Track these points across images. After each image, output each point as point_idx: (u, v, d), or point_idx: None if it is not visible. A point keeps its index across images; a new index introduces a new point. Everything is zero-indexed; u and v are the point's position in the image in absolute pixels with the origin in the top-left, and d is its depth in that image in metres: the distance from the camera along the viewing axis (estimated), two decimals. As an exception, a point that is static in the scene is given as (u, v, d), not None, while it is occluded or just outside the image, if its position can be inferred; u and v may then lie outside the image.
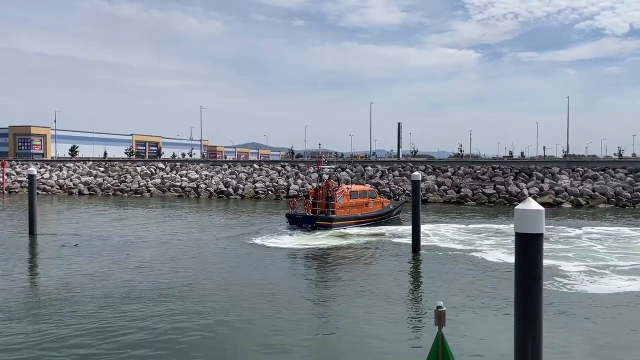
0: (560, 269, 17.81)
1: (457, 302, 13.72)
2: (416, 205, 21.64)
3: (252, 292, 14.92)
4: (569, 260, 19.32)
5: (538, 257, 5.57)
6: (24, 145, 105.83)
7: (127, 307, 13.15)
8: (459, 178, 50.78)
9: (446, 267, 18.57)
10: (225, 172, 59.60)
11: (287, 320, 12.34)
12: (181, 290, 14.94)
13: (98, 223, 31.37)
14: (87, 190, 58.78)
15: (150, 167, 63.15)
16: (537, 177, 48.66)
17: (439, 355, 5.24)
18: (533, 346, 5.52)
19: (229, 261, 19.64)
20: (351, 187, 31.24)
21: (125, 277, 16.53)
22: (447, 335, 5.25)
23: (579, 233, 26.84)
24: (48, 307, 13.24)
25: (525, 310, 5.57)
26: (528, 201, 5.69)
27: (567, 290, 15.09)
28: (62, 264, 18.71)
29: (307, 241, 24.21)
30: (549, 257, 19.67)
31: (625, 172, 47.85)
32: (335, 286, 16.10)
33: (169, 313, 12.63)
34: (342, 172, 53.90)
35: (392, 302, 13.94)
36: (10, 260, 19.63)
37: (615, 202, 43.23)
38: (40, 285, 16.10)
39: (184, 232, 27.59)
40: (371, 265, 19.46)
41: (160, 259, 19.81)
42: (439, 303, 5.34)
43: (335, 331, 11.71)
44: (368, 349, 10.54)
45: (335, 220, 27.85)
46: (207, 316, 12.48)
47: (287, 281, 16.56)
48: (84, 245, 22.72)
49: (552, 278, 16.24)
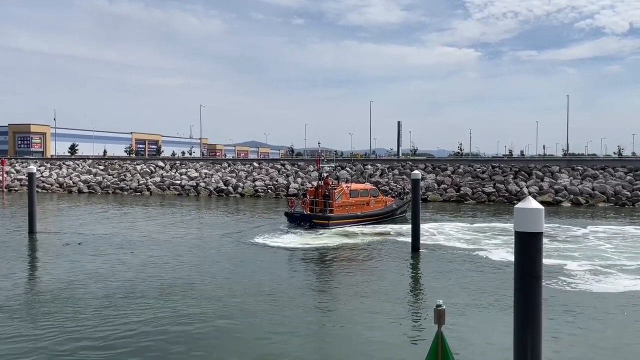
0: (568, 267, 17.82)
1: (457, 300, 13.73)
2: (416, 204, 21.64)
3: (251, 290, 14.92)
4: (576, 259, 19.27)
5: (538, 256, 5.57)
6: (24, 144, 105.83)
7: (128, 305, 13.16)
8: (458, 177, 50.78)
9: (446, 266, 18.58)
10: (225, 170, 59.59)
11: (287, 318, 12.35)
12: (183, 289, 14.95)
13: (99, 221, 31.35)
14: (87, 189, 58.77)
15: (149, 166, 63.13)
16: (537, 176, 48.66)
17: (439, 353, 5.24)
18: (532, 345, 5.52)
19: (230, 260, 19.65)
20: (351, 186, 31.10)
21: (128, 276, 16.54)
22: (447, 334, 5.25)
23: (585, 232, 26.80)
24: (48, 305, 13.24)
25: (525, 309, 5.57)
26: (528, 200, 5.69)
27: (574, 288, 15.09)
28: (62, 263, 18.71)
29: (308, 240, 24.22)
30: (557, 256, 19.73)
31: (624, 171, 47.85)
32: (334, 285, 16.11)
33: (170, 312, 12.65)
34: (342, 170, 53.91)
35: (391, 301, 13.95)
36: (9, 259, 19.62)
37: (614, 201, 43.24)
38: (38, 283, 16.09)
39: (185, 230, 27.59)
40: (371, 264, 19.46)
41: (162, 257, 19.81)
42: (438, 302, 5.35)
43: (334, 329, 11.72)
44: (367, 348, 10.55)
45: (332, 219, 27.80)
46: (207, 315, 12.48)
47: (287, 280, 16.57)
48: (87, 244, 22.71)
49: (560, 277, 16.28)
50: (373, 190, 31.89)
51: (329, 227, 27.46)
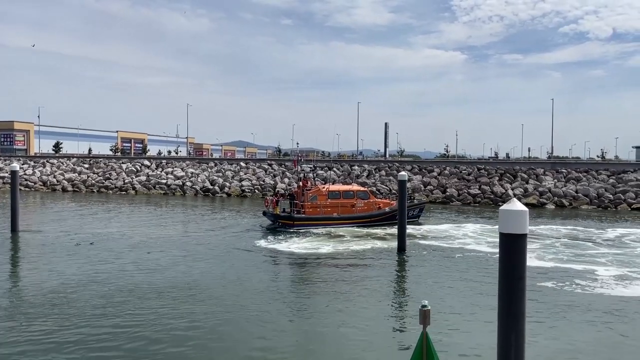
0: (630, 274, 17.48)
1: (442, 301, 13.81)
2: (402, 205, 21.76)
3: (236, 292, 14.90)
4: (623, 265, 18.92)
5: (522, 257, 5.64)
6: (7, 141, 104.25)
7: (118, 304, 13.06)
8: (444, 178, 51.10)
9: (431, 266, 18.69)
10: (212, 170, 59.31)
11: (271, 320, 12.33)
12: (162, 290, 14.87)
13: (85, 221, 31.04)
14: (71, 187, 58.13)
15: (135, 165, 62.63)
16: (522, 178, 49.14)
17: (424, 353, 5.28)
18: (516, 344, 5.59)
19: (219, 262, 19.56)
20: (329, 187, 30.19)
21: (115, 278, 16.40)
22: (432, 334, 5.29)
23: (617, 235, 26.91)
24: (28, 305, 13.09)
25: (509, 309, 5.63)
26: (513, 202, 5.75)
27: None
28: (45, 261, 18.52)
29: (289, 243, 24.19)
30: (611, 263, 19.28)
31: (607, 174, 48.51)
32: (318, 286, 16.09)
33: (163, 312, 12.57)
34: (330, 171, 53.97)
35: (376, 302, 14.00)
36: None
37: (597, 203, 43.80)
38: (19, 282, 15.90)
39: (173, 230, 27.43)
40: (356, 265, 19.48)
41: (150, 258, 19.68)
42: (423, 302, 5.39)
43: (319, 330, 11.71)
44: (353, 348, 10.57)
45: (297, 220, 27.49)
46: (195, 316, 12.43)
47: (270, 281, 16.55)
48: (78, 242, 22.46)
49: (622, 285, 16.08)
50: (361, 192, 30.40)
51: (294, 227, 27.15)
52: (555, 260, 19.80)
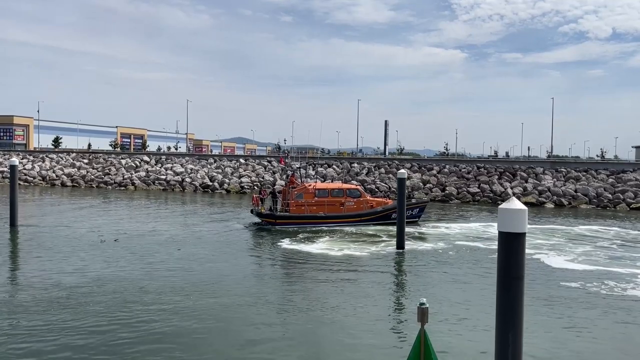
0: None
1: (441, 299, 13.82)
2: (401, 203, 21.75)
3: (233, 293, 14.91)
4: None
5: (520, 256, 5.63)
6: (6, 136, 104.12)
7: (117, 302, 13.06)
8: (444, 176, 51.08)
9: (430, 265, 18.69)
10: (211, 166, 59.28)
11: (269, 319, 12.34)
12: (160, 288, 14.88)
13: (83, 215, 31.04)
14: (70, 182, 58.08)
15: (135, 160, 62.58)
16: (521, 177, 49.13)
17: (421, 352, 5.27)
18: (513, 344, 5.58)
19: (201, 264, 19.57)
20: (316, 185, 29.40)
21: (116, 272, 16.40)
22: (430, 332, 5.28)
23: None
24: (23, 299, 13.09)
25: (507, 308, 5.62)
26: (512, 201, 5.74)
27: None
28: (45, 256, 18.52)
29: (287, 242, 24.20)
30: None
31: (607, 173, 48.50)
32: (317, 284, 16.09)
33: (145, 308, 12.58)
34: (329, 168, 53.94)
35: (374, 299, 14.01)
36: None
37: (596, 203, 43.81)
38: (19, 276, 15.89)
39: (172, 225, 27.46)
40: (355, 263, 19.47)
41: (153, 253, 19.68)
42: (421, 300, 5.37)
43: (318, 329, 11.71)
44: (351, 346, 10.58)
45: (279, 219, 27.23)
46: (172, 318, 12.43)
47: (267, 281, 16.58)
48: (76, 237, 22.45)
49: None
50: (352, 191, 29.52)
51: (276, 225, 26.93)
52: (563, 260, 19.81)
